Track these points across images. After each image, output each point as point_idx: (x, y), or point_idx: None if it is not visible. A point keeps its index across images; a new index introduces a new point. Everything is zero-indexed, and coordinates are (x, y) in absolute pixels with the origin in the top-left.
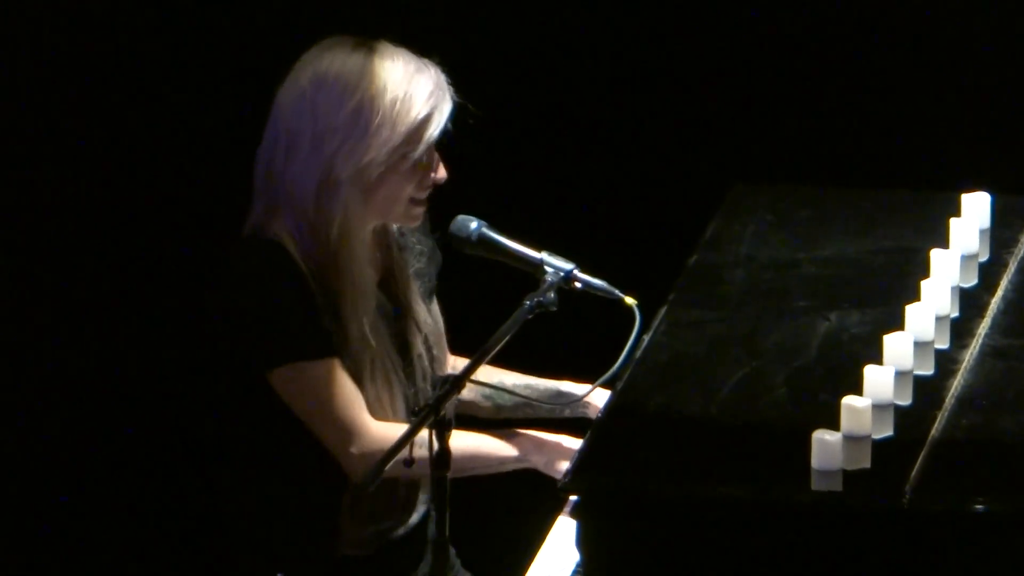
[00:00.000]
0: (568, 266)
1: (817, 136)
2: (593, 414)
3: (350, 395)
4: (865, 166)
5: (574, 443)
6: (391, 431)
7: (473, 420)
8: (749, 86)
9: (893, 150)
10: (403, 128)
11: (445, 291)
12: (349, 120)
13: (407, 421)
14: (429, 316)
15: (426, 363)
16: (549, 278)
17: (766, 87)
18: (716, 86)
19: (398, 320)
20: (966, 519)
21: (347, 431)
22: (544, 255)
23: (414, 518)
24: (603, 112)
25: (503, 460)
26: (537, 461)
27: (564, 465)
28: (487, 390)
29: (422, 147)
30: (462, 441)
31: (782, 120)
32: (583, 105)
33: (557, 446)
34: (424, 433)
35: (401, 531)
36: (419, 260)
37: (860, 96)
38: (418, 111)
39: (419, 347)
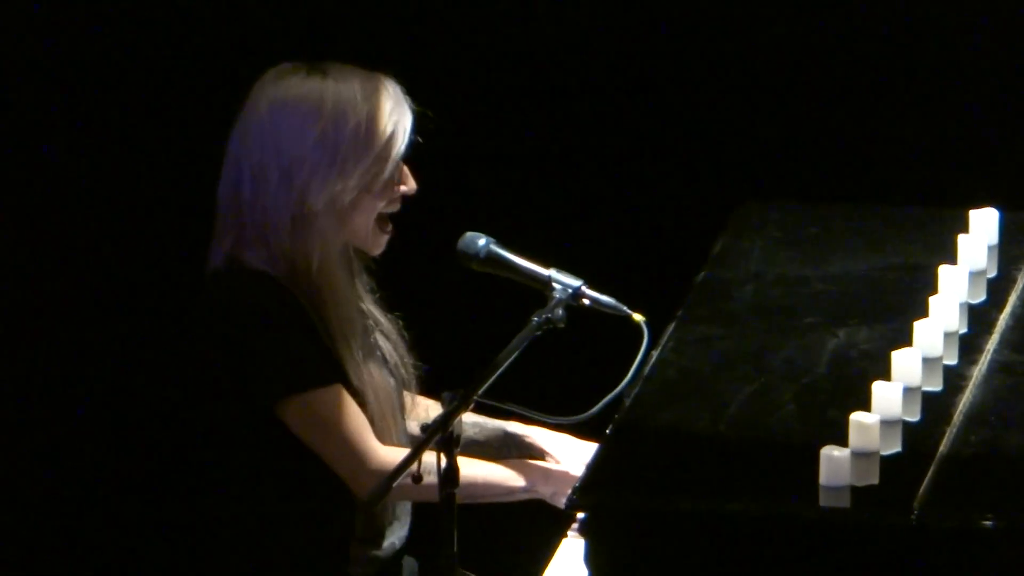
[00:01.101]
0: (576, 283)
1: (825, 153)
2: (538, 457)
3: (358, 419)
4: (873, 183)
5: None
6: (398, 454)
7: None
8: (758, 103)
9: (901, 167)
10: (370, 151)
11: (451, 309)
12: (315, 150)
13: (397, 435)
14: (391, 327)
15: (402, 371)
16: (557, 295)
17: (775, 104)
18: (725, 103)
19: (369, 334)
20: (974, 535)
21: (358, 455)
22: (552, 272)
23: (404, 531)
24: (611, 129)
25: (511, 490)
26: (544, 492)
27: None
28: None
29: (390, 165)
30: (471, 469)
31: (791, 137)
32: (592, 121)
33: (564, 476)
34: (432, 458)
35: (396, 547)
36: (364, 274)
37: (868, 113)
38: (382, 130)
39: (392, 355)
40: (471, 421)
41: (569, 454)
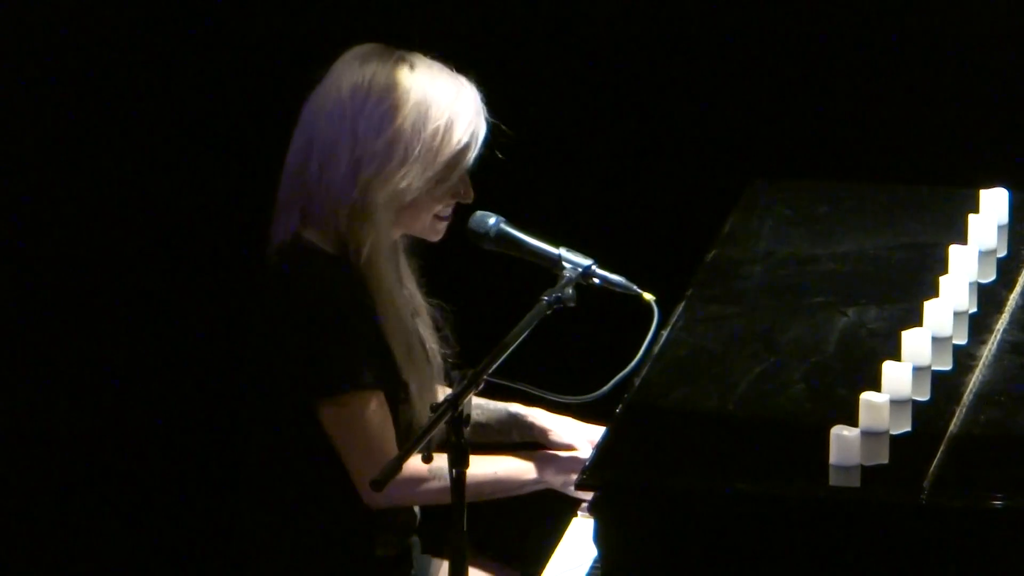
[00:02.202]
0: (586, 262)
1: (835, 132)
2: (540, 438)
3: (385, 429)
4: (883, 162)
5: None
6: (419, 467)
7: None
8: (767, 81)
9: (912, 146)
10: (443, 157)
11: (462, 288)
12: (389, 146)
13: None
14: (432, 313)
15: (439, 358)
16: (567, 274)
17: (784, 82)
18: (734, 82)
19: (412, 320)
20: (984, 515)
21: (376, 466)
22: (562, 251)
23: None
24: (620, 107)
25: (523, 484)
26: (555, 481)
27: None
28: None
29: (457, 174)
30: (482, 467)
31: (800, 115)
32: (600, 101)
33: (572, 462)
34: (443, 464)
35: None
36: (412, 260)
37: (879, 92)
38: (458, 139)
39: (432, 343)
40: (474, 403)
41: (572, 435)
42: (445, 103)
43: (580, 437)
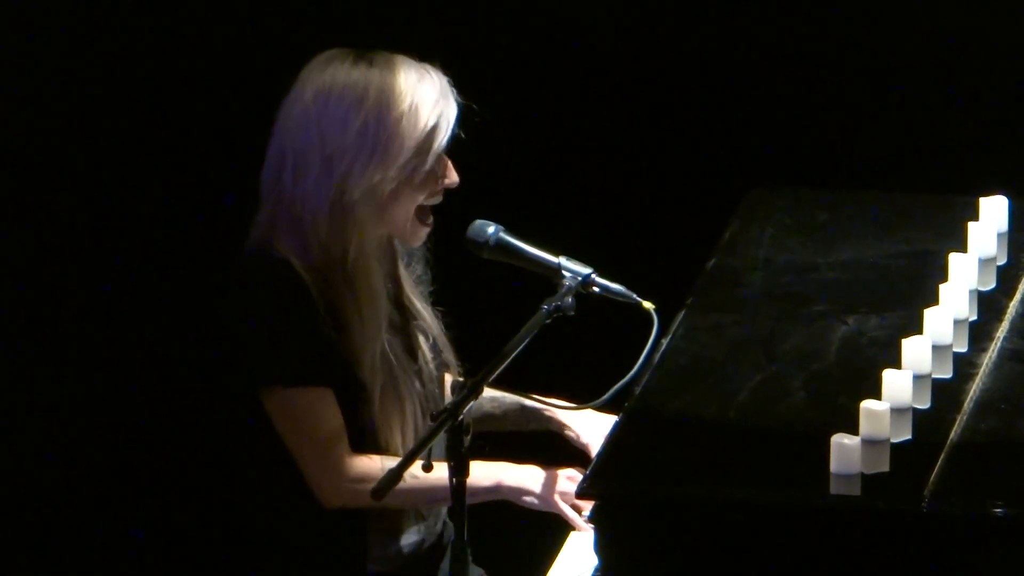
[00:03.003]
0: (586, 270)
1: (835, 140)
2: (556, 428)
3: (333, 427)
4: (883, 170)
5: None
6: (371, 468)
7: None
8: (767, 90)
9: (911, 154)
10: (412, 142)
11: (461, 297)
12: (357, 139)
13: (422, 428)
14: (433, 320)
15: (432, 367)
16: (567, 283)
17: (784, 91)
18: (734, 89)
19: (405, 326)
20: (985, 523)
21: (324, 463)
22: (562, 260)
23: (438, 526)
24: (620, 115)
25: (476, 491)
26: (509, 493)
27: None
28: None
29: (431, 157)
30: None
31: (800, 123)
32: (600, 109)
33: (533, 476)
34: (413, 470)
35: (425, 544)
36: (419, 265)
37: (878, 99)
38: (425, 122)
39: (427, 352)
40: (489, 396)
41: (588, 427)
42: (407, 88)
43: (597, 430)
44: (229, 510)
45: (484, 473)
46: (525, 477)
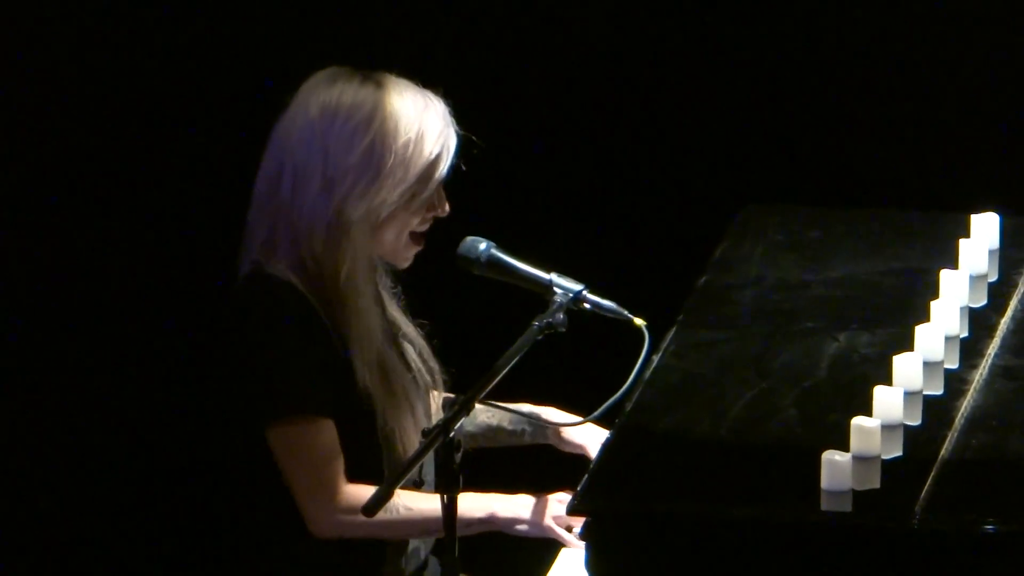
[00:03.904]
0: (577, 287)
1: (827, 157)
2: (553, 439)
3: (332, 457)
4: (875, 187)
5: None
6: (365, 494)
7: None
8: (760, 106)
9: (903, 171)
10: (415, 169)
11: (453, 313)
12: (362, 161)
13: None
14: (414, 331)
15: (426, 376)
16: (558, 299)
17: (776, 107)
18: (727, 106)
19: (394, 338)
20: (976, 539)
21: (321, 495)
22: (553, 276)
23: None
24: (612, 132)
25: (469, 523)
26: (499, 522)
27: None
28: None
29: (432, 186)
30: (428, 503)
31: (792, 141)
32: (592, 125)
33: (522, 504)
34: (397, 500)
35: (422, 555)
36: (387, 279)
37: (870, 117)
38: (430, 151)
39: (416, 362)
40: (483, 409)
41: (582, 430)
42: (414, 116)
43: (591, 433)
44: (234, 538)
45: (477, 504)
46: (517, 507)
